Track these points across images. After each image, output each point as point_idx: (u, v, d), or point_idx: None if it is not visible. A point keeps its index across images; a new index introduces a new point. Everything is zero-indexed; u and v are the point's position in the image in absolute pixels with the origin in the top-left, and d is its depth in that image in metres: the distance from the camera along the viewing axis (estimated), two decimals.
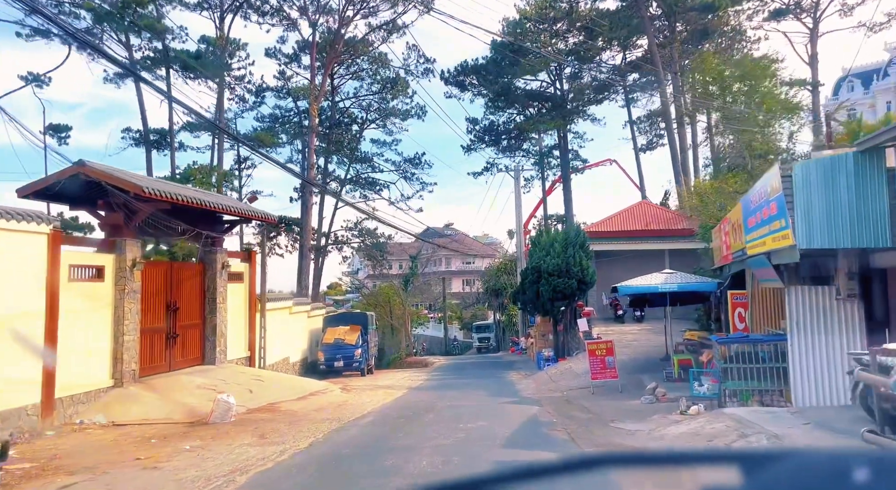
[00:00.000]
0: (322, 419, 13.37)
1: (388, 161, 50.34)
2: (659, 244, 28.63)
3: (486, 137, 51.29)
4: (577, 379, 20.01)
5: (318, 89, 41.15)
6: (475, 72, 46.89)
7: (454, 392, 18.81)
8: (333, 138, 46.98)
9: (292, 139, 48.77)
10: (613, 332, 25.37)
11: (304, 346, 25.54)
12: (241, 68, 44.19)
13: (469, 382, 22.16)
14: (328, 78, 44.32)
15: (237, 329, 19.38)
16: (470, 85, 48.12)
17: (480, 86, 47.86)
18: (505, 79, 45.79)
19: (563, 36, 45.55)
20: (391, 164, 50.11)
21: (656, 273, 18.12)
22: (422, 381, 23.22)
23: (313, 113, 40.19)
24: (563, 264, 24.24)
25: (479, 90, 48.51)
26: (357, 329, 25.44)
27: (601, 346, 17.87)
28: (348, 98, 47.82)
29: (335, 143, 46.68)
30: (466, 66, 46.65)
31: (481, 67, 46.35)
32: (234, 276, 19.37)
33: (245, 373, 17.96)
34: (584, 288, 24.50)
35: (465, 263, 70.21)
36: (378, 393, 18.73)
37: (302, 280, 41.04)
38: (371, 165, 50.37)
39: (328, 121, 47.27)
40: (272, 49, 43.50)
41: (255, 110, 51.42)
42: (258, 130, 47.44)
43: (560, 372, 21.91)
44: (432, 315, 63.76)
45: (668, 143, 38.93)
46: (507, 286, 45.11)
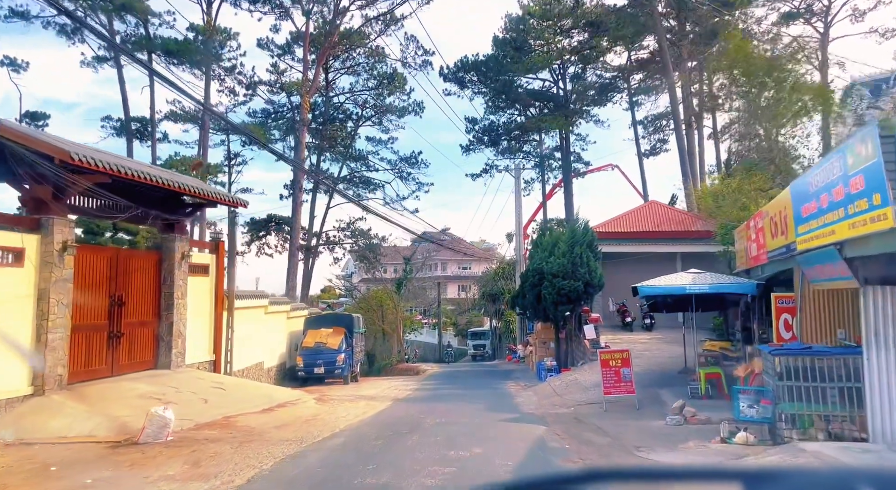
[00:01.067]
0: (281, 440, 10.70)
1: (383, 160, 47.86)
2: (670, 247, 26.07)
3: (486, 138, 48.80)
4: (586, 393, 17.36)
5: (310, 82, 38.63)
6: (475, 68, 44.44)
7: (445, 405, 16.14)
8: (327, 134, 44.43)
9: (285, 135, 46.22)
10: (622, 341, 22.76)
11: (281, 349, 22.83)
12: (233, 59, 41.75)
13: (462, 394, 19.50)
14: (322, 70, 41.83)
15: (200, 329, 16.70)
16: (470, 82, 45.66)
17: (481, 83, 45.42)
18: (506, 76, 43.34)
19: (567, 33, 43.11)
20: (386, 163, 47.59)
21: (681, 273, 15.50)
22: (410, 391, 20.54)
23: (305, 106, 37.64)
24: (569, 265, 21.62)
25: (479, 88, 46.07)
26: (341, 332, 22.74)
27: (616, 356, 15.23)
28: (343, 93, 45.34)
29: (328, 140, 44.12)
30: (466, 61, 44.21)
31: (482, 64, 43.89)
32: (198, 269, 16.72)
33: (204, 379, 15.27)
34: (591, 291, 21.87)
35: (461, 268, 67.58)
36: (358, 405, 16.05)
37: (290, 280, 38.39)
38: (366, 164, 47.85)
39: (322, 116, 44.79)
40: (264, 40, 41.03)
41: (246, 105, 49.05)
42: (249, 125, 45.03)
43: (565, 384, 19.25)
44: (426, 320, 61.06)
45: (677, 144, 36.44)
46: (505, 291, 42.42)
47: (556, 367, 22.19)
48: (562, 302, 21.78)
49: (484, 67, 43.87)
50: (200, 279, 16.80)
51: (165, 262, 15.48)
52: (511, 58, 42.85)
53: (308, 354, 21.91)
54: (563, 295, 21.57)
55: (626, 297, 25.59)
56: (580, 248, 21.68)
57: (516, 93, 44.08)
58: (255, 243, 47.00)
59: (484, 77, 44.40)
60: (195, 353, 16.26)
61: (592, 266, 21.76)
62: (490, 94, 45.59)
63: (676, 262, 26.42)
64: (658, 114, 51.72)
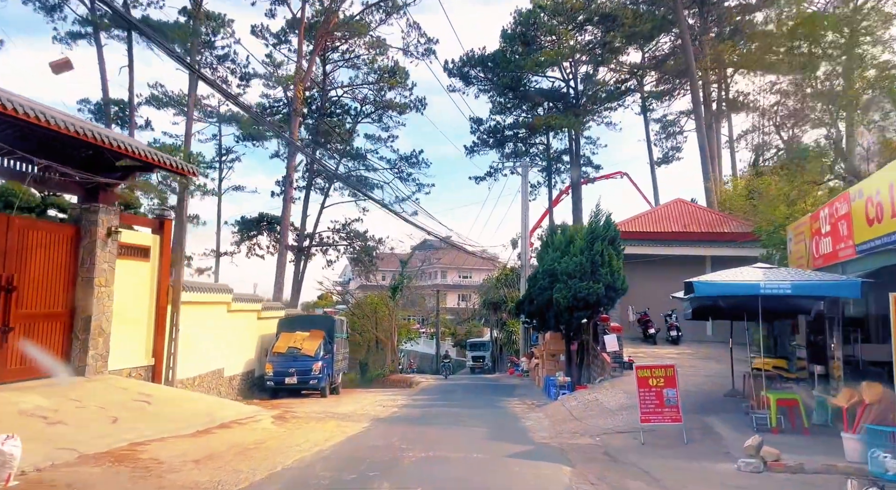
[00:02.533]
0: (187, 486, 7.04)
1: (382, 159, 44.34)
2: (699, 249, 22.41)
3: (491, 140, 45.33)
4: (611, 417, 13.64)
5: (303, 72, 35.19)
6: (482, 64, 41.06)
7: (436, 430, 12.45)
8: (323, 129, 40.96)
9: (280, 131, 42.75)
10: (645, 355, 19.07)
11: (249, 355, 19.13)
12: (225, 47, 38.42)
13: (459, 414, 15.76)
14: (319, 61, 38.48)
15: (133, 326, 13.05)
16: (476, 78, 42.28)
17: (487, 79, 42.03)
18: (514, 73, 39.91)
19: (580, 27, 39.74)
20: (386, 163, 44.07)
21: (746, 267, 11.80)
22: (397, 407, 16.80)
23: (299, 95, 34.15)
24: (588, 263, 17.97)
25: (485, 84, 42.66)
26: (319, 336, 19.04)
27: (657, 373, 11.52)
28: (341, 87, 41.90)
29: (324, 135, 40.63)
30: (472, 56, 40.83)
31: (488, 58, 40.50)
32: (134, 251, 13.09)
33: (128, 390, 11.59)
34: (613, 296, 18.19)
35: (461, 277, 63.87)
36: (326, 427, 12.34)
37: (279, 281, 34.71)
38: (364, 163, 44.32)
39: (318, 111, 41.37)
40: (259, 27, 37.61)
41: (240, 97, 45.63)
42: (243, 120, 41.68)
43: (582, 405, 15.52)
44: (424, 330, 57.31)
45: (698, 143, 32.89)
46: (508, 299, 38.71)
47: (570, 385, 18.45)
48: (578, 307, 18.09)
49: (491, 63, 40.50)
50: (137, 264, 13.17)
51: (85, 238, 11.86)
52: (520, 53, 39.49)
53: (279, 361, 18.22)
54: (580, 299, 17.89)
55: (648, 305, 21.94)
56: (601, 245, 18.03)
57: (524, 89, 40.66)
58: (245, 243, 43.44)
59: (490, 73, 41.03)
60: (124, 356, 12.59)
61: (615, 266, 18.10)
62: (497, 90, 42.19)
63: (705, 267, 22.66)
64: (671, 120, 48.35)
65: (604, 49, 39.73)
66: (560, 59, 38.99)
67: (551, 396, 19.41)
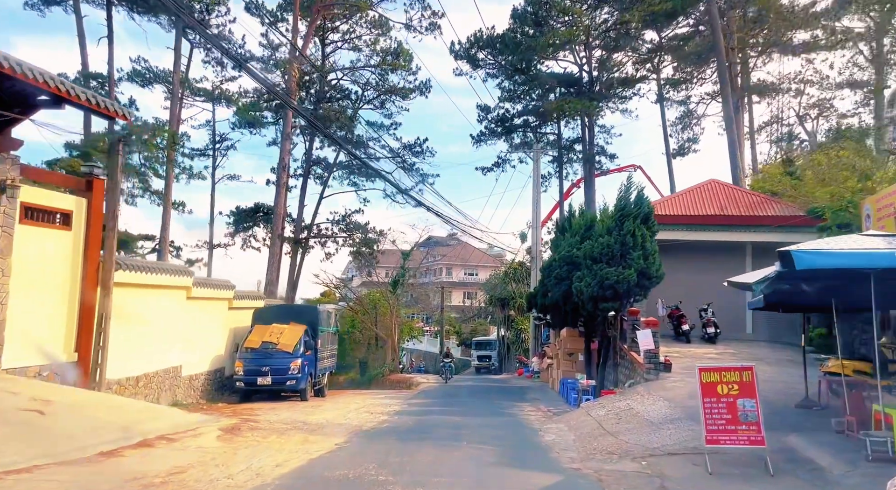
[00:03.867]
0: None
1: (384, 147, 41.12)
2: (738, 235, 19.21)
3: (499, 129, 42.10)
4: (656, 433, 10.46)
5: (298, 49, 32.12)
6: (490, 45, 37.83)
7: (431, 449, 9.31)
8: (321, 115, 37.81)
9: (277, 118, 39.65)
10: (680, 355, 15.86)
11: (217, 350, 16.03)
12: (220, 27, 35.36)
13: (461, 423, 12.59)
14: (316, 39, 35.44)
15: (46, 311, 9.95)
16: (484, 62, 39.08)
17: (495, 62, 38.84)
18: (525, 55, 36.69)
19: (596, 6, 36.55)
20: (388, 151, 40.88)
21: (856, 235, 8.54)
22: (388, 415, 13.64)
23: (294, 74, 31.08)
24: (617, 245, 14.78)
25: (493, 68, 39.46)
26: (300, 329, 15.92)
27: (728, 377, 8.34)
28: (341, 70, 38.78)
29: (322, 120, 37.47)
30: (480, 37, 37.62)
31: (497, 40, 37.29)
32: (47, 216, 10.03)
33: (18, 394, 8.50)
34: (646, 284, 14.99)
35: (466, 274, 60.66)
36: (287, 444, 9.21)
37: (270, 273, 31.61)
38: (365, 151, 41.13)
39: (316, 95, 38.27)
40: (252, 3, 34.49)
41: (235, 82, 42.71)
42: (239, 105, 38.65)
43: (614, 415, 12.32)
44: (428, 328, 54.17)
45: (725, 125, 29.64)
46: (516, 294, 35.54)
47: (594, 389, 15.26)
48: (605, 297, 14.90)
49: (500, 44, 37.28)
50: (53, 233, 10.11)
51: None
52: (531, 34, 36.30)
53: (251, 358, 15.12)
54: (608, 287, 14.70)
55: (679, 298, 18.69)
56: (633, 224, 14.84)
57: (535, 73, 37.44)
58: (240, 235, 40.34)
59: (500, 55, 37.84)
60: (29, 350, 9.51)
61: (650, 249, 14.92)
62: (505, 74, 38.99)
63: (746, 255, 19.56)
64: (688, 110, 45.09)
65: (620, 30, 36.50)
66: (574, 39, 35.78)
67: (571, 402, 16.25)
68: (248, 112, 38.32)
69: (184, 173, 32.30)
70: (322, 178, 39.78)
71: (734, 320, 19.26)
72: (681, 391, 12.85)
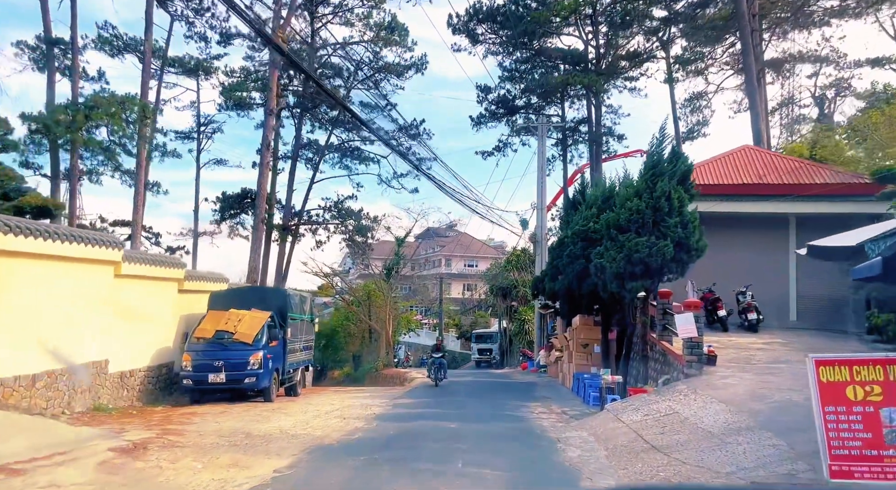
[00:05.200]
0: None
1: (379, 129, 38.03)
2: (781, 205, 16.20)
3: (500, 111, 39.04)
4: (721, 447, 7.48)
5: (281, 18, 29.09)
6: (490, 18, 34.79)
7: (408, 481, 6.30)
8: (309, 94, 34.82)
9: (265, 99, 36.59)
10: (720, 345, 12.82)
11: (163, 342, 13.03)
12: None
13: (458, 432, 9.60)
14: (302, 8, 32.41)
15: None
16: (483, 37, 36.01)
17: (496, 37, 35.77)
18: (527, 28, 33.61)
19: None
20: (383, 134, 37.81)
21: None
22: (364, 420, 10.63)
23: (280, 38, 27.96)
24: (649, 210, 11.77)
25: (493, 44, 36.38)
26: (262, 316, 12.91)
27: (867, 373, 5.32)
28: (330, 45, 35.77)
29: (311, 98, 34.49)
30: (479, 9, 34.55)
31: (497, 12, 34.25)
32: None
33: None
34: (684, 259, 11.96)
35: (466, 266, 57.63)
36: (203, 473, 6.25)
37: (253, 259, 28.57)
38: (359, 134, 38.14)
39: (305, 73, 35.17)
40: None
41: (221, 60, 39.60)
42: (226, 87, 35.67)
43: (653, 420, 9.33)
44: (427, 321, 51.19)
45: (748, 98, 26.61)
46: (519, 284, 32.54)
47: (621, 387, 12.27)
48: (634, 275, 11.88)
49: (500, 17, 34.24)
50: None
51: None
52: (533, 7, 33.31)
53: (201, 351, 12.15)
54: (637, 262, 11.68)
55: (713, 279, 15.70)
56: (667, 185, 11.81)
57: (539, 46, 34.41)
58: (226, 222, 37.38)
59: (500, 28, 34.79)
60: None
61: (688, 216, 11.90)
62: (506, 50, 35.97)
63: (789, 229, 16.57)
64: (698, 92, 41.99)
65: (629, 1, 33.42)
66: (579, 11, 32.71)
67: (589, 402, 13.27)
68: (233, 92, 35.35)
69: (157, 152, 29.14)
70: (312, 162, 36.85)
71: (774, 305, 16.27)
72: (737, 390, 9.86)
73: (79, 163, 25.23)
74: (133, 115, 25.13)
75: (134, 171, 26.46)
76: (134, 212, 26.33)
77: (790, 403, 8.94)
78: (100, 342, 10.60)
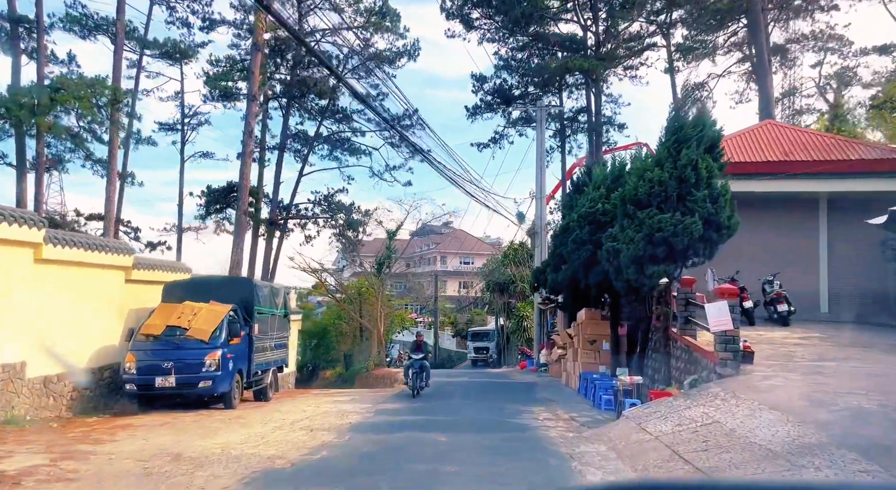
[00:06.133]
0: None
1: (370, 120, 36.12)
2: (810, 184, 14.29)
3: (496, 101, 37.13)
4: (792, 472, 5.52)
5: None
6: (485, 3, 32.87)
7: None
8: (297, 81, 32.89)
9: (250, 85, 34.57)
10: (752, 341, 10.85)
11: (105, 340, 11.04)
12: None
13: (447, 448, 7.67)
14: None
15: None
16: (478, 22, 34.08)
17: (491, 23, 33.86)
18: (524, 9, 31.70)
19: None
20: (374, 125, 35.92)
21: None
22: (336, 433, 8.67)
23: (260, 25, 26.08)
24: (673, 181, 9.85)
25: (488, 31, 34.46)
26: (222, 310, 10.96)
27: None
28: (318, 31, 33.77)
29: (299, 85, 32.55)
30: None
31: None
32: None
33: None
34: (713, 239, 10.05)
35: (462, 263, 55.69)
36: None
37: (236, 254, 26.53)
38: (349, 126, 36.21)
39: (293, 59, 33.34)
40: None
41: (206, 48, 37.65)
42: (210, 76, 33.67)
43: (689, 432, 7.41)
44: (421, 319, 49.25)
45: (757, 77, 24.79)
46: (517, 279, 30.64)
47: (640, 389, 10.34)
48: (655, 257, 9.97)
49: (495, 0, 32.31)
50: None
51: None
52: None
53: (148, 350, 10.17)
54: (660, 242, 9.78)
55: (738, 267, 13.78)
56: (694, 152, 9.90)
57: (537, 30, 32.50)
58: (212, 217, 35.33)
59: (496, 13, 32.88)
60: None
61: (718, 189, 10.00)
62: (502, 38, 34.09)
63: (819, 210, 14.69)
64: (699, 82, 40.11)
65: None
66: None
67: (601, 406, 11.36)
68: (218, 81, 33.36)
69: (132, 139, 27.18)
70: (301, 154, 34.87)
71: (803, 296, 14.37)
72: (788, 394, 7.96)
73: (45, 150, 23.26)
74: (104, 100, 23.19)
75: (107, 160, 24.50)
76: (106, 203, 24.33)
77: (863, 412, 7.05)
78: (16, 342, 8.64)
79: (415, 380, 13.99)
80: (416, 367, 14.15)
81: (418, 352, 14.54)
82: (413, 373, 14.12)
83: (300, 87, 32.22)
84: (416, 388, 13.94)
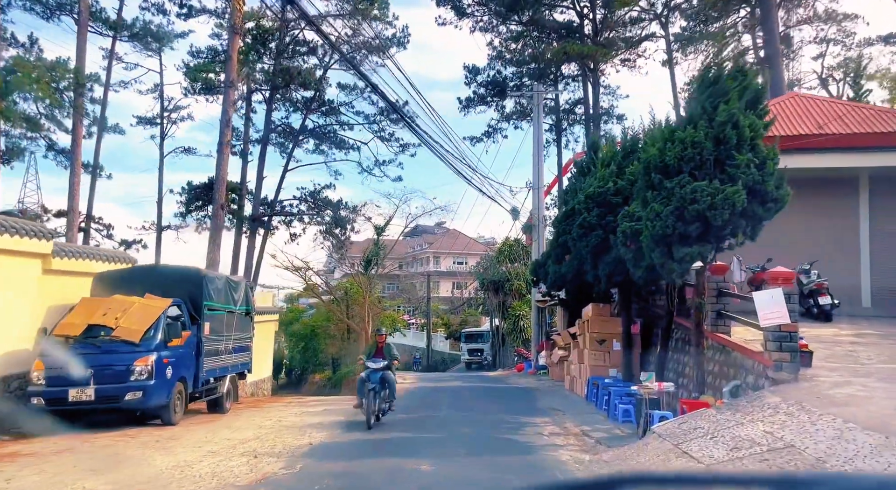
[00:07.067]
0: None
1: (359, 113, 34.18)
2: (850, 159, 12.34)
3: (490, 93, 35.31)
4: None
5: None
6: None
7: None
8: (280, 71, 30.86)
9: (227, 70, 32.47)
10: None
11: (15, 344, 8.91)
12: None
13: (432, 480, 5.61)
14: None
15: None
16: (470, 8, 32.23)
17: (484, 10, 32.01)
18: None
19: None
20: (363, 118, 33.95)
21: None
22: (286, 459, 6.63)
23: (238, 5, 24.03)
24: (709, 142, 7.85)
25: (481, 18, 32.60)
26: (159, 305, 8.90)
27: None
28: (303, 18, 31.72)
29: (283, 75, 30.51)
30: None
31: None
32: None
33: None
34: (758, 214, 8.05)
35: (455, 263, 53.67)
36: None
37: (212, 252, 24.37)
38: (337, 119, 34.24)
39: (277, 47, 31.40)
40: None
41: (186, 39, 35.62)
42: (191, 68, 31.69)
43: (751, 458, 5.38)
44: (413, 321, 47.22)
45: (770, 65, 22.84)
46: (513, 276, 28.66)
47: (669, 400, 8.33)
48: (686, 236, 7.96)
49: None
50: None
51: None
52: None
53: (61, 356, 8.06)
54: (693, 218, 7.77)
55: (765, 255, 11.79)
56: (735, 109, 7.91)
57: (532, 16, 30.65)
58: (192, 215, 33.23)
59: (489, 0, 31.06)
60: None
61: (764, 151, 8.03)
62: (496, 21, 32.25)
63: (859, 188, 12.71)
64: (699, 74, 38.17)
65: None
66: None
67: (617, 418, 9.35)
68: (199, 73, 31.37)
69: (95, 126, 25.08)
70: (285, 148, 32.84)
71: (842, 289, 12.39)
72: (879, 406, 5.97)
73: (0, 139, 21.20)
74: (65, 84, 21.13)
75: (70, 150, 22.42)
76: (70, 197, 22.23)
77: None
78: None
79: (370, 401, 8.87)
80: (374, 381, 9.07)
81: (378, 358, 9.49)
82: (369, 390, 8.93)
83: (284, 76, 30.18)
84: (372, 414, 8.85)
